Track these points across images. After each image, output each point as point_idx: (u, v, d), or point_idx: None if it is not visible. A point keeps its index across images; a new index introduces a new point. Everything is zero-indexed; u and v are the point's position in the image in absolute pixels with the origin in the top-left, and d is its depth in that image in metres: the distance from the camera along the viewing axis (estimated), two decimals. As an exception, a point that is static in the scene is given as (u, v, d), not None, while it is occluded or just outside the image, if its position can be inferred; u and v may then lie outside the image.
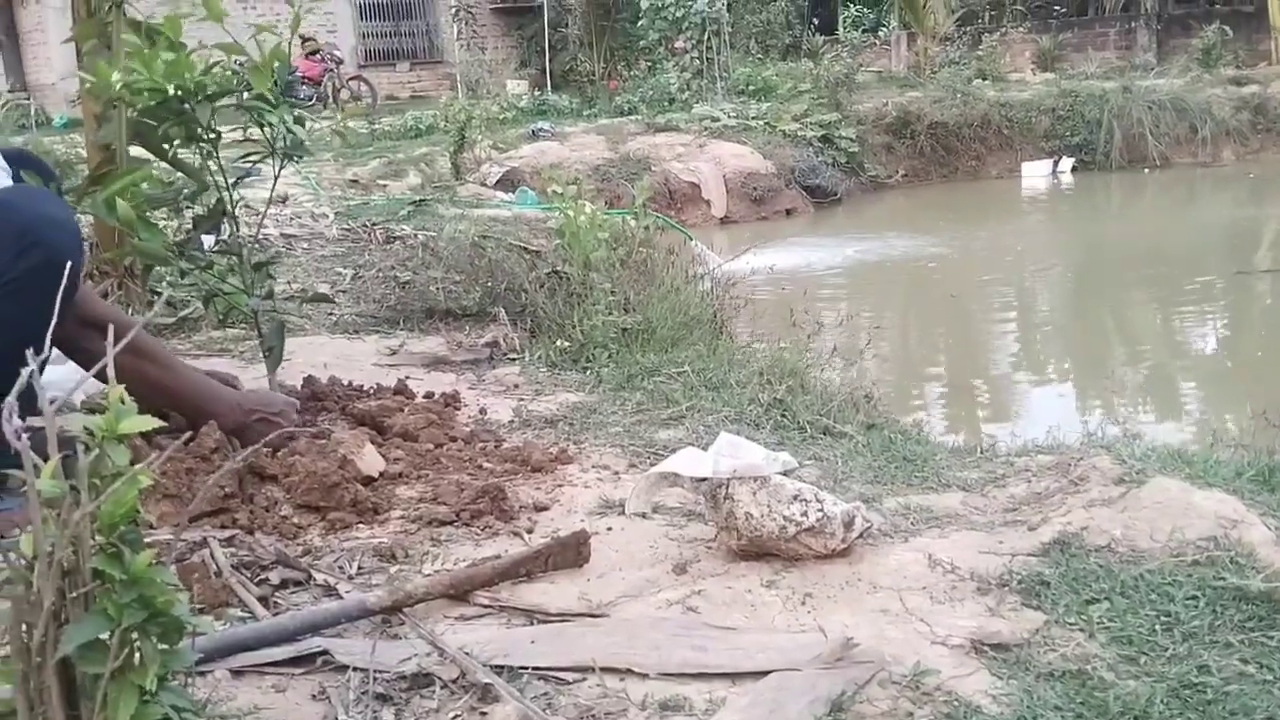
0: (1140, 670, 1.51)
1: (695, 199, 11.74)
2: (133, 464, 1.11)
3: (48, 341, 1.27)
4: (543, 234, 5.34)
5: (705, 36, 14.96)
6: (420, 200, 6.74)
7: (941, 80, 15.20)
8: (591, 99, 16.33)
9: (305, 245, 5.42)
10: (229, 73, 2.52)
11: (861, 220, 11.97)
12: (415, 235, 5.38)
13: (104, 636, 1.07)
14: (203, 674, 1.44)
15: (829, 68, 14.37)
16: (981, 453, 2.62)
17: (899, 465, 2.48)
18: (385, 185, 9.72)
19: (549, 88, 17.34)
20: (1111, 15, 19.80)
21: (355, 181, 9.80)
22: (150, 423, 1.13)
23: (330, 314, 4.22)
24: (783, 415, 2.88)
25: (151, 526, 1.86)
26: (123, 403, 1.13)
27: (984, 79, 15.69)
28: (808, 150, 12.86)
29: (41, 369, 1.14)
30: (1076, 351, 6.91)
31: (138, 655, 1.10)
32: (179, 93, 2.31)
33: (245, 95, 2.45)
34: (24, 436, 1.06)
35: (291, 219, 5.86)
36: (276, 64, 2.46)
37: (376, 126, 13.13)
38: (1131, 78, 15.61)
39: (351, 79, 17.05)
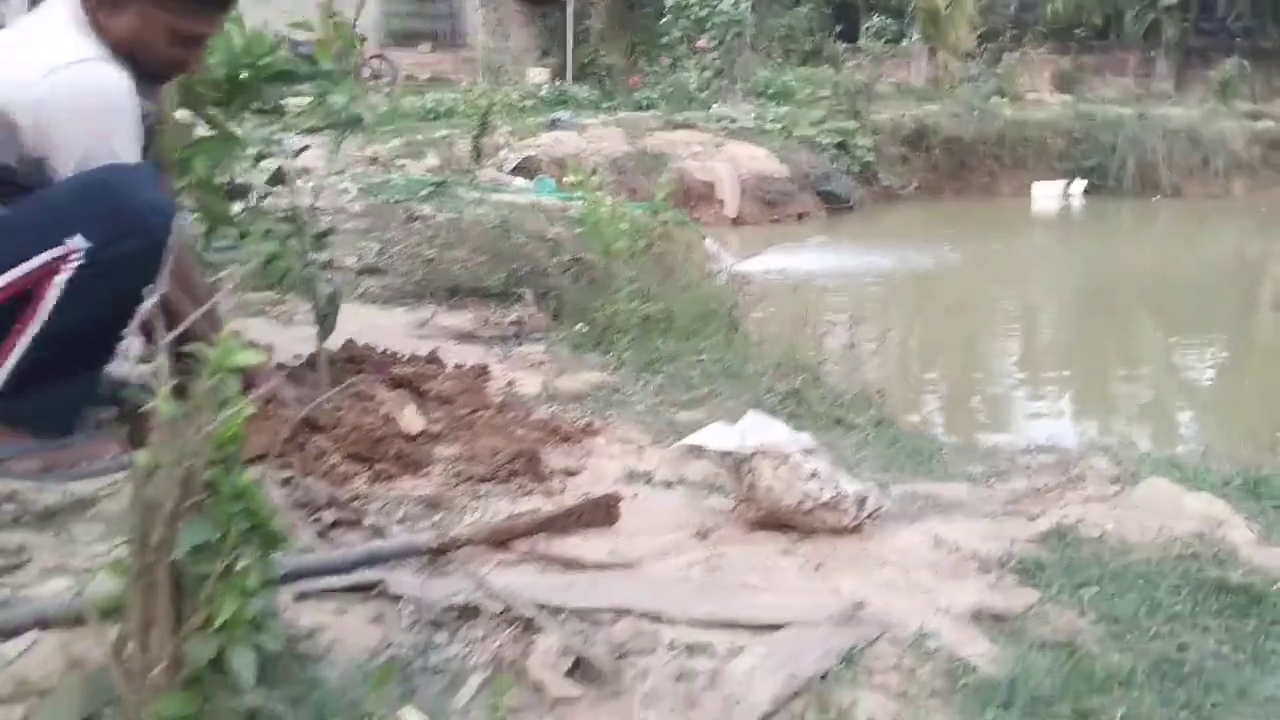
0: (1125, 646, 1.65)
1: (709, 198, 11.84)
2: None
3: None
4: (561, 222, 5.46)
5: (728, 37, 15.08)
6: (441, 182, 6.87)
7: (960, 95, 15.32)
8: (611, 92, 16.44)
9: (329, 218, 5.54)
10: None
11: (873, 229, 12.08)
12: (435, 216, 5.51)
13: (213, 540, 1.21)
14: (272, 594, 1.57)
15: (849, 76, 14.47)
16: (985, 450, 2.75)
17: (907, 456, 2.62)
18: (404, 165, 9.82)
19: (569, 78, 17.46)
20: (1133, 42, 19.92)
21: (374, 159, 9.89)
22: (259, 355, 1.27)
23: (356, 285, 4.35)
24: (797, 405, 3.02)
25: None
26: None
27: (1002, 97, 15.80)
28: (823, 156, 12.96)
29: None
30: (1075, 376, 6.96)
31: (240, 562, 1.24)
32: (248, 75, 2.44)
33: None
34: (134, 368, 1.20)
35: (315, 192, 5.98)
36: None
37: (398, 106, 13.21)
38: (1148, 105, 15.74)
39: (373, 57, 17.11)
